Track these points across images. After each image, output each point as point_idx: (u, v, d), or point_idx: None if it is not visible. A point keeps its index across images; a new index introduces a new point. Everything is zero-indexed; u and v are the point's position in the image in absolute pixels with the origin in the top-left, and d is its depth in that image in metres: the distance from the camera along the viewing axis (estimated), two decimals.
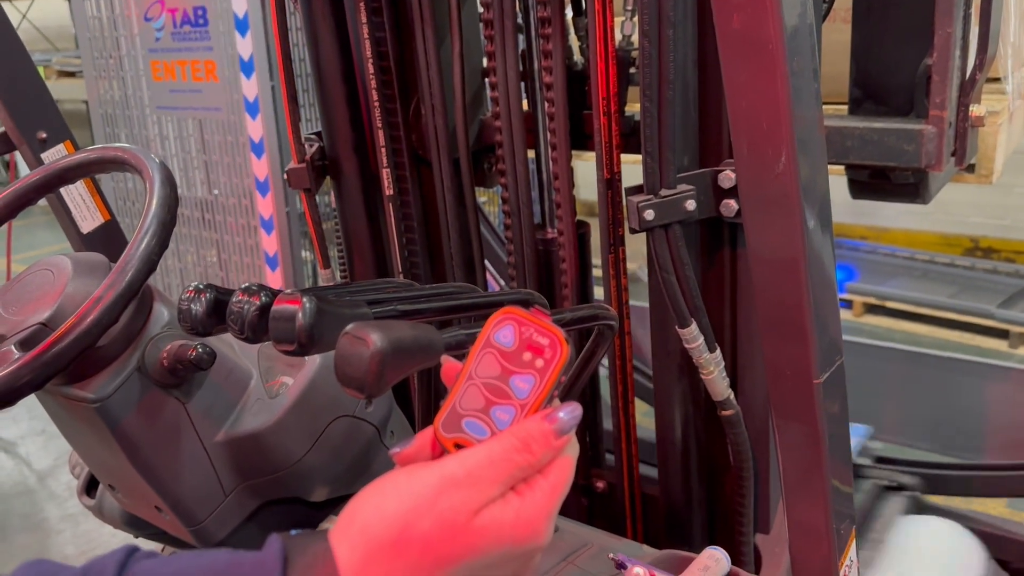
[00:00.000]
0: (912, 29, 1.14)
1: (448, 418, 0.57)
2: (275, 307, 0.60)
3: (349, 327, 0.56)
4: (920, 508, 1.94)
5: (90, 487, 1.37)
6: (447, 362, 0.61)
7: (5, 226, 1.09)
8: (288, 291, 0.61)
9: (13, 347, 0.87)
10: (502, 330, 0.57)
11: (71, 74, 6.85)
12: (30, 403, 0.99)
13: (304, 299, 0.59)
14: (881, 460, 2.12)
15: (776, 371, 0.81)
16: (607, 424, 1.48)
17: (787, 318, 0.77)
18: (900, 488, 1.95)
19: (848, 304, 4.25)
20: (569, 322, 0.71)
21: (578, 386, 1.08)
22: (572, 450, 0.58)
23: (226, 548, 0.55)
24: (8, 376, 0.83)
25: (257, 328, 0.63)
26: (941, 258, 4.52)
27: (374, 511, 0.54)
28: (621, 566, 0.95)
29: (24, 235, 3.49)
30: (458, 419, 0.56)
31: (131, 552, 0.54)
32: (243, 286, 0.65)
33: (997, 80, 1.29)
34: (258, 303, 0.63)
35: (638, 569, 0.93)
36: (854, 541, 0.94)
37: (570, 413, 0.56)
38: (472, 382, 0.57)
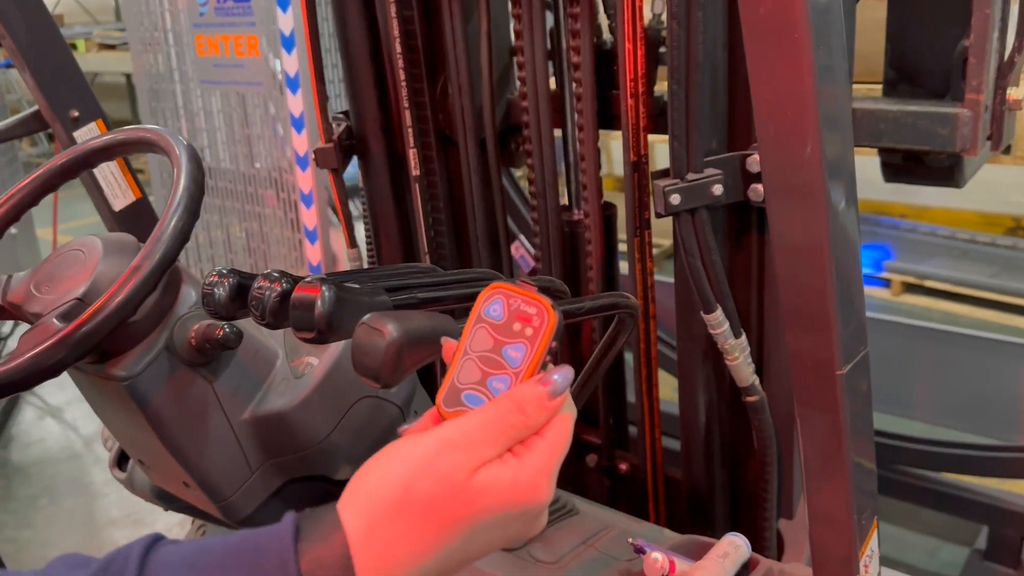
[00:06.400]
0: (949, 10, 1.10)
1: (448, 393, 0.59)
2: (295, 295, 0.61)
3: (366, 317, 0.56)
4: None
5: (121, 460, 1.41)
6: (447, 342, 0.63)
7: (51, 197, 1.11)
8: (309, 279, 0.62)
9: (54, 320, 0.90)
10: (491, 304, 0.59)
11: (111, 47, 6.93)
12: None
13: (324, 287, 0.60)
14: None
15: (799, 361, 0.80)
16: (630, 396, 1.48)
17: (810, 308, 0.76)
18: None
19: (887, 283, 4.18)
20: (589, 311, 0.71)
21: (599, 372, 1.08)
22: (568, 410, 0.59)
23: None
24: (52, 346, 0.85)
25: (278, 314, 0.64)
26: (982, 237, 4.43)
27: (377, 477, 0.56)
28: (640, 551, 0.95)
29: (67, 206, 3.60)
30: (457, 393, 0.58)
31: (156, 538, 0.57)
32: (264, 272, 0.66)
33: None
34: (279, 290, 0.63)
35: (656, 554, 0.93)
36: (876, 531, 0.93)
37: (562, 375, 0.58)
38: (468, 357, 0.59)
